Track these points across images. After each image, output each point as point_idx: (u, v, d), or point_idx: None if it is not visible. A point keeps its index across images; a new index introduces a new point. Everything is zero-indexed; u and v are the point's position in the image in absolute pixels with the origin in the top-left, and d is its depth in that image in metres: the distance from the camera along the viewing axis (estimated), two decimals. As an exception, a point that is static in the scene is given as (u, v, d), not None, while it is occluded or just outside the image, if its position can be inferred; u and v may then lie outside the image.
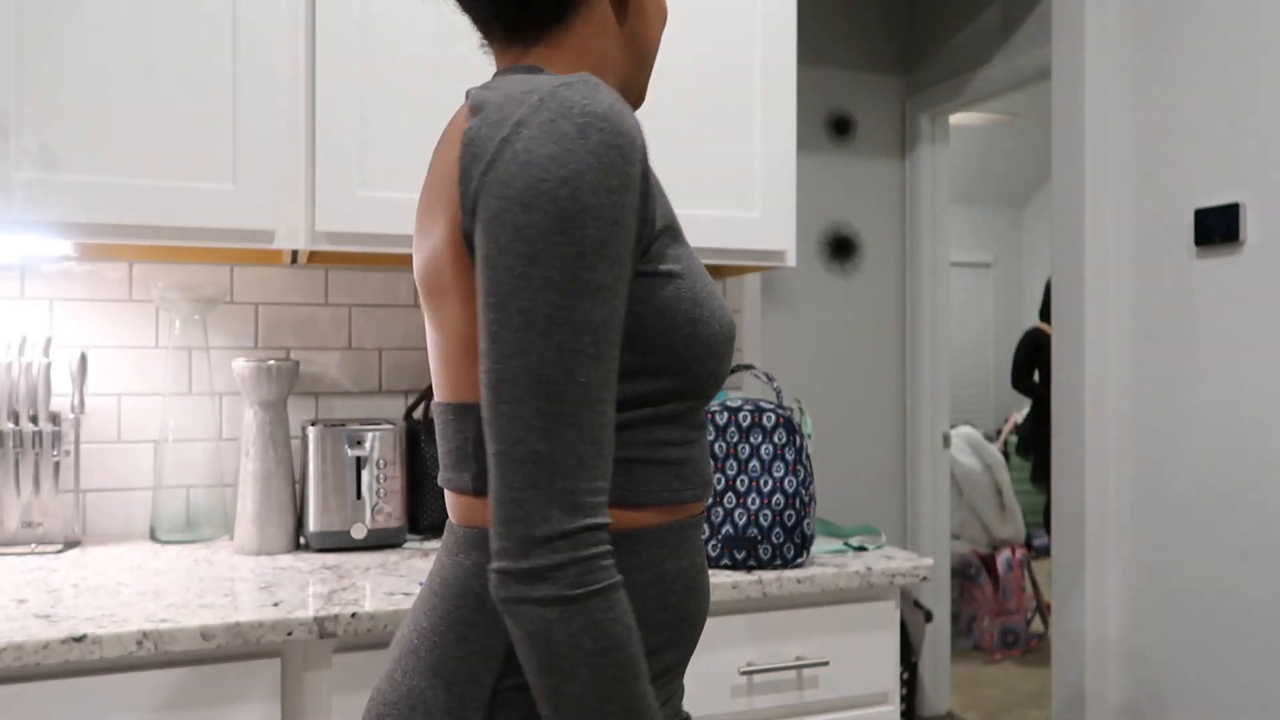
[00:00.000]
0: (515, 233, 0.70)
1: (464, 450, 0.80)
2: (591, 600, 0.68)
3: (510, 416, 0.69)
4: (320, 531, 1.59)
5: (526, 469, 0.69)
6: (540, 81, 0.75)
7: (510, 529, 0.69)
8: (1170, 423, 2.18)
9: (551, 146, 0.70)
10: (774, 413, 1.49)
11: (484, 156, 0.73)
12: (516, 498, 0.69)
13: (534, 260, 0.69)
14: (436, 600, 0.81)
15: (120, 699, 1.14)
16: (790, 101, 1.77)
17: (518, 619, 0.69)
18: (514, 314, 0.70)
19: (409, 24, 1.55)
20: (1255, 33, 2.00)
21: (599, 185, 0.71)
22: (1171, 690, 2.18)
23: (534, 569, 0.68)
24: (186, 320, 1.70)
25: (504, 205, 0.71)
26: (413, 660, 0.80)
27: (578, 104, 0.72)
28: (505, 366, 0.70)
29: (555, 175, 0.70)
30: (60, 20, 1.40)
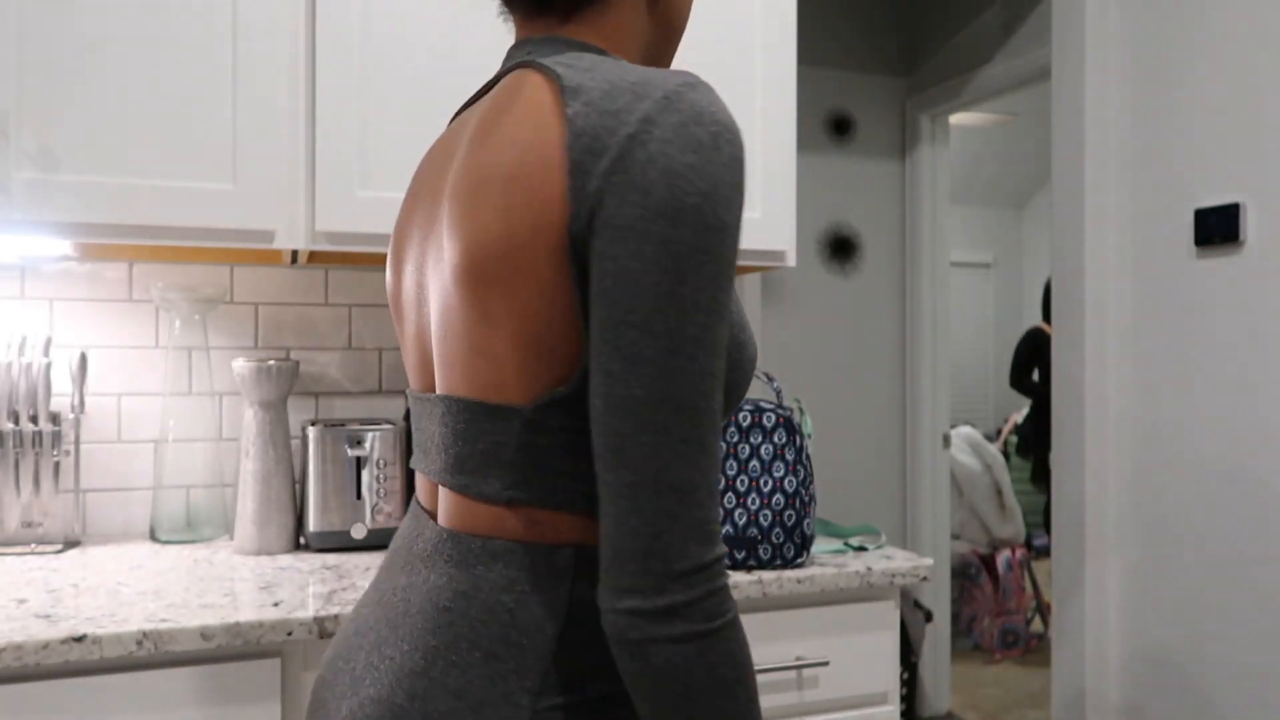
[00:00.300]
0: (662, 247, 0.66)
1: (494, 456, 0.74)
2: (726, 630, 0.66)
3: (653, 445, 0.65)
4: (320, 531, 1.59)
5: (666, 500, 0.65)
6: (647, 73, 0.71)
7: (646, 564, 0.65)
8: (1170, 423, 2.18)
9: (690, 156, 0.67)
10: (774, 413, 1.49)
11: (605, 151, 0.68)
12: (655, 531, 0.65)
13: (682, 279, 0.66)
14: (452, 617, 0.73)
15: (120, 699, 1.14)
16: (790, 101, 1.77)
17: (650, 659, 0.65)
18: (660, 335, 0.65)
19: (409, 24, 1.55)
20: (1255, 33, 2.00)
21: (732, 201, 0.68)
22: (1171, 690, 2.18)
23: (671, 606, 0.65)
24: (186, 320, 1.70)
25: (646, 216, 0.66)
26: (422, 683, 0.72)
27: (707, 111, 0.69)
28: (648, 392, 0.65)
29: (698, 189, 0.66)
30: (60, 20, 1.40)
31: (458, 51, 1.58)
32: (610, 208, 0.67)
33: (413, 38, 1.55)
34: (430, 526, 0.79)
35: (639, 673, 0.66)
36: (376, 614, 0.79)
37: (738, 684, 0.67)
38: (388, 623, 0.77)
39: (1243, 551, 2.03)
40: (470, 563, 0.74)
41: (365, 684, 0.76)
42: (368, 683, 0.76)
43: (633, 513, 0.65)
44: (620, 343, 0.66)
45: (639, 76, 0.70)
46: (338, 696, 0.78)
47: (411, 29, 1.55)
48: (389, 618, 0.78)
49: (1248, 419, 2.02)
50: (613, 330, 0.66)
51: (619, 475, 0.66)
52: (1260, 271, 2.00)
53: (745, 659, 0.68)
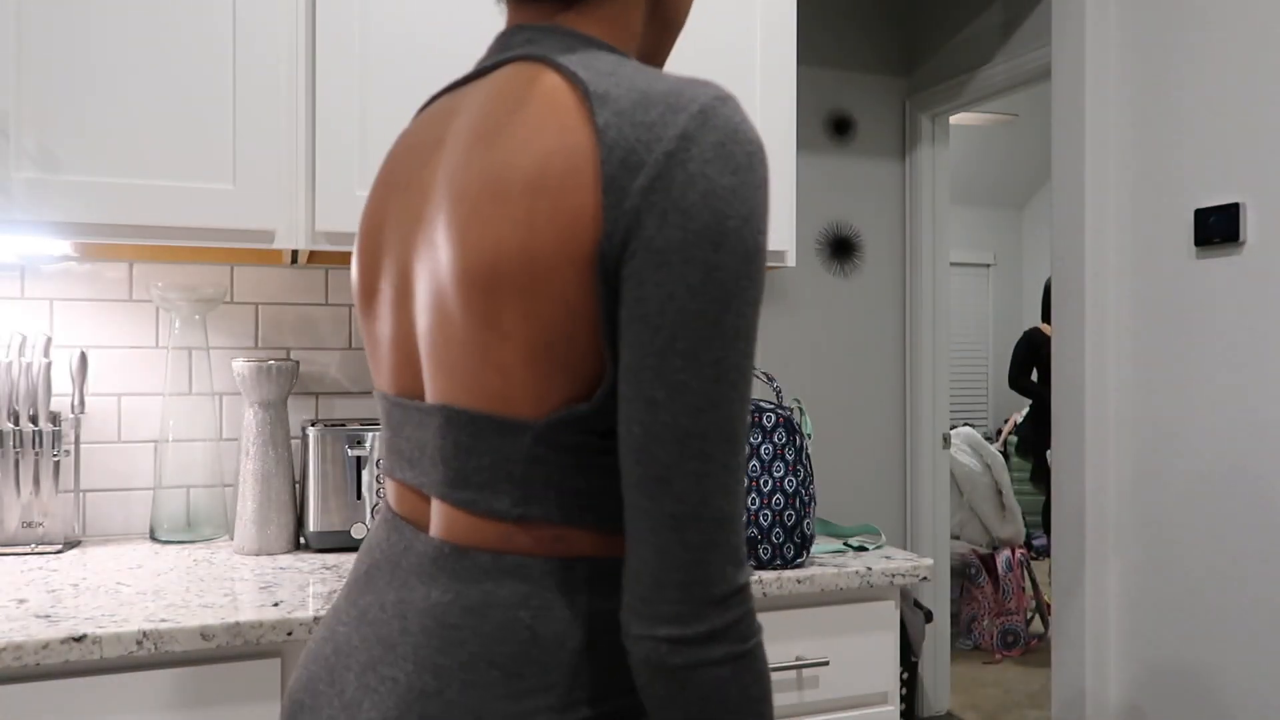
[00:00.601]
0: (708, 274, 0.64)
1: (503, 471, 0.71)
2: (757, 649, 0.67)
3: (699, 474, 0.65)
4: (320, 531, 1.59)
5: (710, 529, 0.65)
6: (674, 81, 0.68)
7: (688, 592, 0.64)
8: (1170, 423, 2.18)
9: (730, 178, 0.65)
10: (774, 413, 1.49)
11: (641, 168, 0.65)
12: (697, 559, 0.64)
13: (727, 306, 0.65)
14: (463, 635, 0.70)
15: (120, 699, 1.14)
16: (790, 101, 1.77)
17: (691, 683, 0.65)
18: (707, 364, 0.64)
19: (409, 24, 1.55)
20: (1256, 33, 2.00)
21: (764, 223, 0.67)
22: (1171, 690, 2.18)
23: (711, 630, 0.64)
24: (186, 320, 1.70)
25: (690, 240, 0.64)
26: (436, 705, 0.69)
27: (741, 129, 0.67)
28: (694, 421, 0.64)
29: (738, 213, 0.65)
30: (60, 21, 1.40)
31: (458, 51, 1.58)
32: (650, 229, 0.65)
33: (413, 38, 1.55)
34: (421, 539, 0.75)
35: (676, 697, 0.65)
36: (362, 633, 0.75)
37: (763, 701, 0.67)
38: (380, 642, 0.73)
39: (1242, 551, 2.03)
40: (478, 578, 0.71)
41: (364, 707, 0.71)
42: (366, 706, 0.71)
43: (677, 543, 0.65)
44: (664, 370, 0.64)
45: (668, 86, 0.68)
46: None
47: (411, 29, 1.55)
48: (380, 636, 0.73)
49: (1248, 419, 2.02)
50: (655, 358, 0.64)
51: (662, 505, 0.65)
52: (1260, 271, 2.00)
53: (768, 674, 0.69)
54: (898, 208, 3.65)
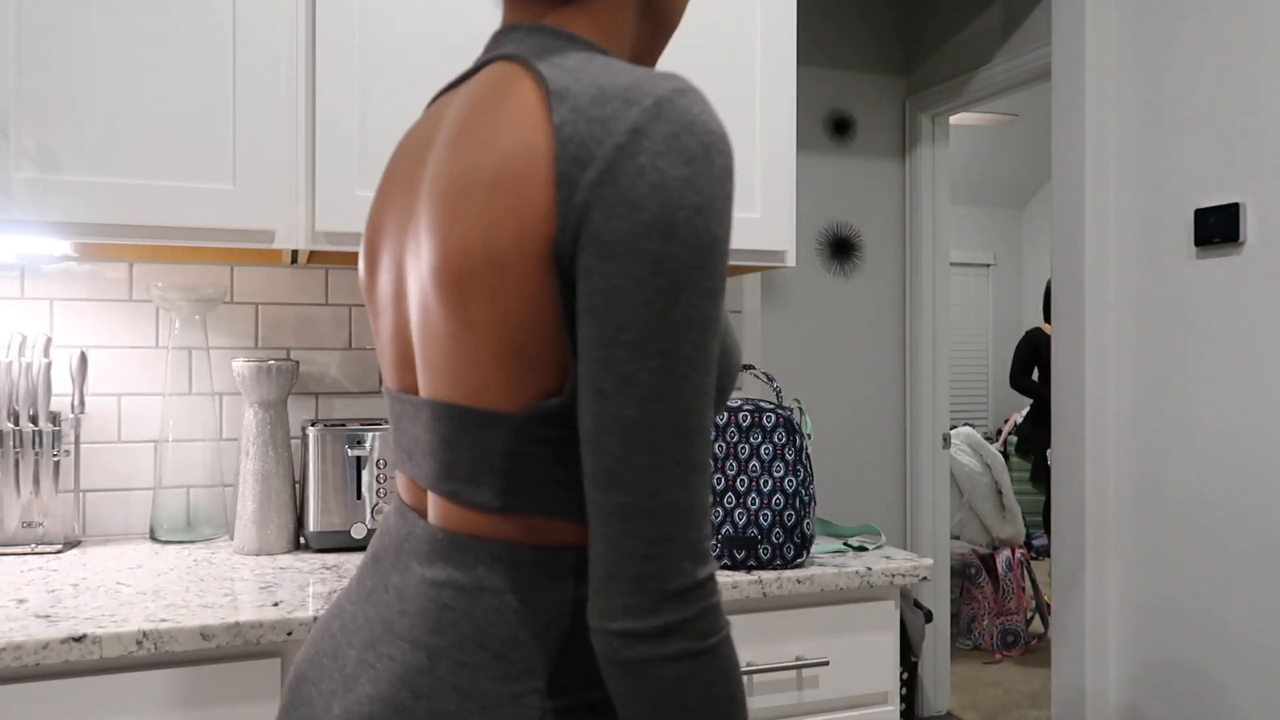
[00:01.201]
0: (655, 266, 0.64)
1: (485, 464, 0.72)
2: (720, 647, 0.66)
3: (647, 467, 0.64)
4: (320, 531, 1.59)
5: (662, 522, 0.64)
6: (637, 75, 0.68)
7: (640, 585, 0.64)
8: (1170, 423, 2.18)
9: (682, 168, 0.65)
10: (774, 413, 1.49)
11: (592, 161, 0.65)
12: (649, 553, 0.64)
13: (676, 298, 0.64)
14: (455, 616, 0.72)
15: (120, 699, 1.14)
16: (790, 101, 1.77)
17: (646, 679, 0.64)
18: (654, 355, 0.64)
19: (410, 24, 1.55)
20: (1256, 33, 2.00)
21: (723, 215, 0.66)
22: (1171, 690, 2.18)
23: (666, 625, 0.64)
24: (186, 320, 1.70)
25: (637, 231, 0.64)
26: (428, 681, 0.71)
27: (699, 120, 0.66)
28: (643, 413, 0.64)
29: (691, 203, 0.64)
30: (60, 21, 1.40)
31: (459, 50, 1.58)
32: (598, 222, 0.65)
33: (413, 37, 1.55)
34: (421, 525, 0.77)
35: (632, 691, 0.65)
36: (366, 611, 0.78)
37: (730, 701, 0.66)
38: (381, 621, 0.76)
39: (1242, 551, 2.03)
40: (471, 563, 0.73)
41: (361, 682, 0.74)
42: (363, 680, 0.74)
43: (627, 535, 0.65)
44: (612, 362, 0.65)
45: (629, 80, 0.68)
46: (325, 694, 0.77)
47: (412, 28, 1.55)
48: (382, 616, 0.76)
49: (1247, 419, 2.02)
50: (604, 349, 0.65)
51: (611, 497, 0.65)
52: (1260, 271, 2.00)
53: (737, 676, 0.67)
54: (898, 208, 3.65)
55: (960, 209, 7.15)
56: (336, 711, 0.74)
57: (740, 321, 2.16)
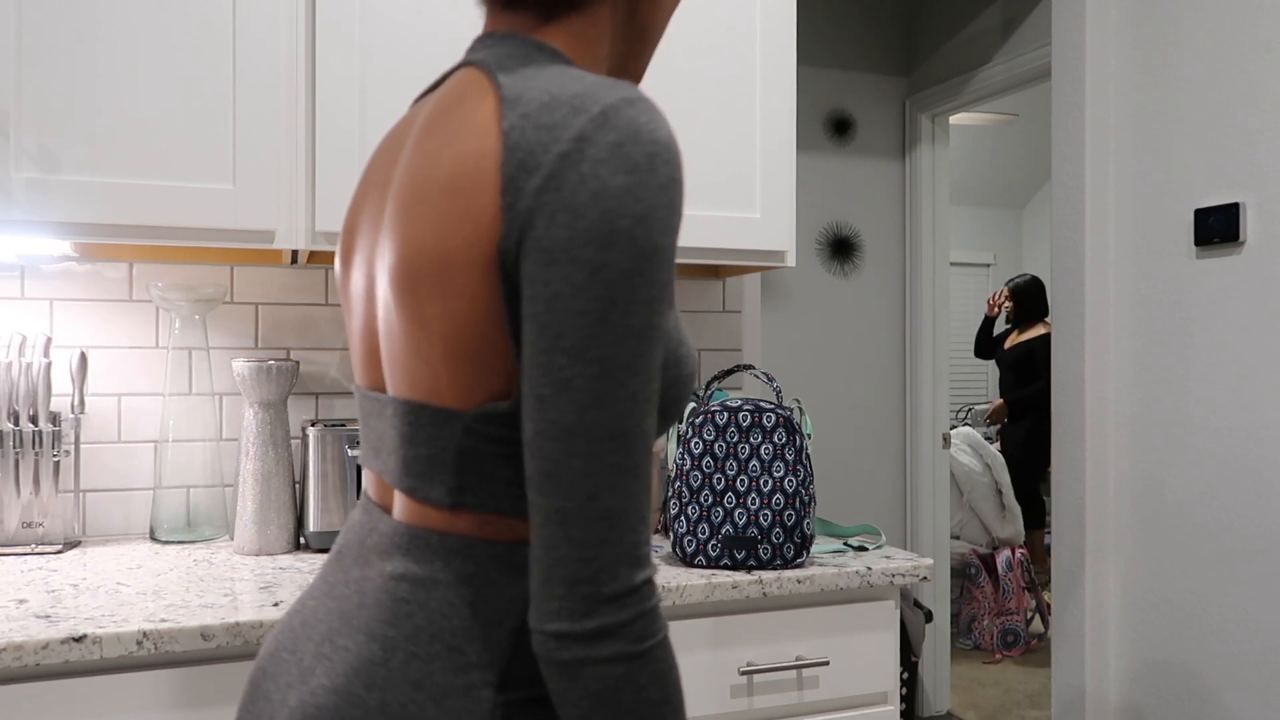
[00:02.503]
0: (592, 273, 0.65)
1: (440, 461, 0.73)
2: (656, 650, 0.67)
3: (584, 472, 0.65)
4: (320, 531, 1.59)
5: (596, 526, 0.65)
6: (589, 84, 0.69)
7: (575, 588, 0.65)
8: (1170, 423, 2.18)
9: (624, 177, 0.65)
10: (774, 413, 1.49)
11: (537, 169, 0.67)
12: (585, 556, 0.65)
13: (613, 305, 0.65)
14: (411, 609, 0.73)
15: (120, 699, 1.14)
16: (790, 101, 1.77)
17: (581, 680, 0.65)
18: (591, 362, 0.65)
19: (410, 23, 1.55)
20: (1255, 33, 2.00)
21: (667, 224, 0.67)
22: (1171, 690, 2.18)
23: (601, 628, 0.65)
24: (186, 320, 1.70)
25: (576, 239, 0.65)
26: (381, 673, 0.72)
27: (644, 129, 0.67)
28: (579, 419, 0.65)
29: (632, 211, 0.65)
30: (60, 21, 1.40)
31: (458, 51, 1.58)
32: (540, 229, 0.66)
33: (413, 37, 1.55)
34: (385, 520, 0.78)
35: (568, 692, 0.66)
36: (327, 605, 0.79)
37: (665, 704, 0.67)
38: (340, 614, 0.77)
39: (1242, 551, 2.03)
40: (428, 557, 0.74)
41: (316, 673, 0.75)
42: (319, 672, 0.75)
43: (563, 539, 0.65)
44: (551, 368, 0.66)
45: (581, 88, 0.69)
46: (282, 686, 0.78)
47: (412, 29, 1.55)
48: (341, 609, 0.77)
49: (1247, 418, 2.02)
50: (544, 355, 0.66)
51: (549, 500, 0.66)
52: (1260, 271, 2.00)
53: (673, 679, 0.68)
54: (898, 208, 3.65)
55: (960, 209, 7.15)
56: (292, 703, 0.75)
57: (740, 321, 2.16)
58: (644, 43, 0.85)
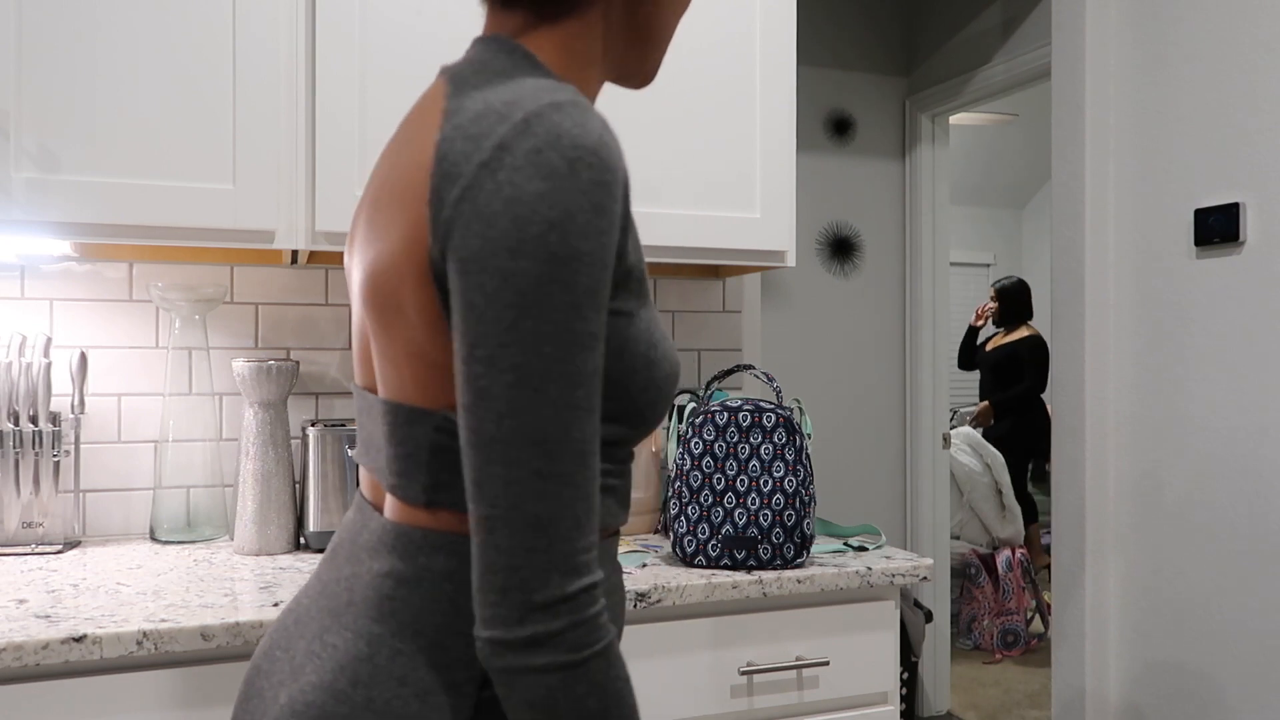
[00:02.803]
0: (503, 281, 0.65)
1: (417, 459, 0.75)
2: (594, 661, 0.66)
3: (505, 479, 0.65)
4: (320, 531, 1.59)
5: (523, 534, 0.65)
6: (525, 90, 0.69)
7: (505, 596, 0.65)
8: (1170, 423, 2.18)
9: (539, 183, 0.65)
10: (774, 413, 1.49)
11: (459, 179, 0.67)
12: (513, 564, 0.65)
13: (525, 312, 0.65)
14: (395, 605, 0.74)
15: (120, 699, 1.14)
16: (790, 101, 1.77)
17: (517, 688, 0.65)
18: (505, 370, 0.65)
19: (410, 24, 1.55)
20: (1255, 33, 2.00)
21: (589, 228, 0.66)
22: (1171, 690, 2.18)
23: (533, 636, 0.64)
24: (186, 320, 1.70)
25: (486, 248, 0.65)
26: (366, 669, 0.73)
27: (567, 134, 0.66)
28: (498, 427, 0.65)
29: (545, 217, 0.65)
30: (60, 21, 1.40)
31: (458, 51, 1.58)
32: (457, 239, 0.66)
33: (413, 37, 1.55)
34: (375, 519, 0.79)
35: (507, 700, 0.66)
36: (319, 604, 0.80)
37: (604, 715, 0.67)
38: (330, 612, 0.78)
39: (1242, 551, 2.03)
40: (413, 554, 0.75)
41: (306, 671, 0.76)
42: (309, 670, 0.75)
43: (491, 546, 0.65)
44: (470, 376, 0.66)
45: (514, 95, 0.69)
46: (275, 685, 0.78)
47: (412, 29, 1.55)
48: (331, 607, 0.78)
49: (1247, 419, 2.02)
50: (463, 364, 0.66)
51: (478, 508, 0.66)
52: (1260, 271, 2.00)
53: (616, 690, 0.67)
54: (898, 208, 3.65)
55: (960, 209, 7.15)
56: (283, 700, 0.76)
57: (740, 321, 2.16)
58: (649, 44, 0.84)
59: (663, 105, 1.69)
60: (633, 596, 1.35)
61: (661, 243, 1.68)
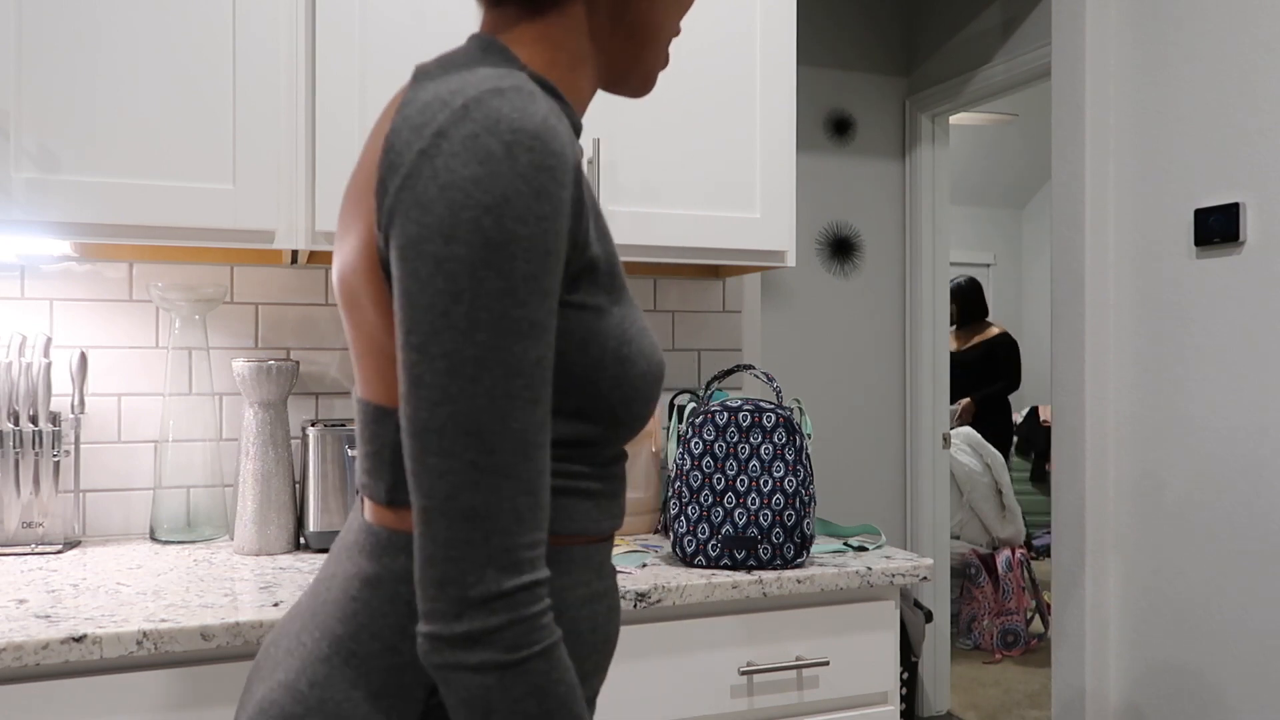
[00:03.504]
0: (436, 266, 0.63)
1: (380, 457, 0.74)
2: (533, 662, 0.64)
3: (439, 470, 0.63)
4: (320, 531, 1.59)
5: (459, 526, 0.63)
6: (472, 79, 0.68)
7: (442, 590, 0.63)
8: (1170, 423, 2.18)
9: (475, 168, 0.64)
10: (774, 413, 1.49)
11: (400, 168, 0.66)
12: (449, 556, 0.63)
13: (458, 298, 0.63)
14: (357, 606, 0.73)
15: (120, 699, 1.14)
16: (790, 101, 1.77)
17: (452, 685, 0.64)
18: (437, 357, 0.63)
19: (410, 23, 1.55)
20: (1255, 33, 2.00)
21: (528, 212, 0.64)
22: (1171, 690, 2.18)
23: (469, 633, 0.62)
24: (186, 320, 1.70)
25: (422, 234, 0.64)
26: (323, 669, 0.72)
27: (506, 118, 0.65)
28: (431, 415, 0.64)
29: (479, 201, 0.63)
30: (60, 21, 1.40)
31: (458, 51, 1.58)
32: (397, 227, 0.66)
33: (413, 37, 1.55)
34: (358, 518, 0.79)
35: (446, 697, 0.65)
36: (306, 602, 0.80)
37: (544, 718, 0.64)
38: (310, 611, 0.78)
39: (1242, 551, 2.03)
40: (379, 553, 0.74)
41: (280, 669, 0.76)
42: (282, 668, 0.76)
43: (427, 538, 0.64)
44: (405, 364, 0.65)
45: (460, 84, 0.68)
46: (259, 680, 0.79)
47: (412, 28, 1.55)
48: (312, 606, 0.78)
49: (1247, 419, 2.02)
50: (400, 351, 0.65)
51: (415, 499, 0.65)
52: (1260, 271, 2.00)
53: (558, 694, 0.65)
54: (898, 208, 3.65)
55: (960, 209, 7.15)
56: (258, 696, 0.77)
57: (740, 321, 2.16)
58: (642, 43, 0.82)
59: (663, 105, 1.69)
60: (633, 596, 1.35)
61: (662, 243, 1.68)
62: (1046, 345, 7.33)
